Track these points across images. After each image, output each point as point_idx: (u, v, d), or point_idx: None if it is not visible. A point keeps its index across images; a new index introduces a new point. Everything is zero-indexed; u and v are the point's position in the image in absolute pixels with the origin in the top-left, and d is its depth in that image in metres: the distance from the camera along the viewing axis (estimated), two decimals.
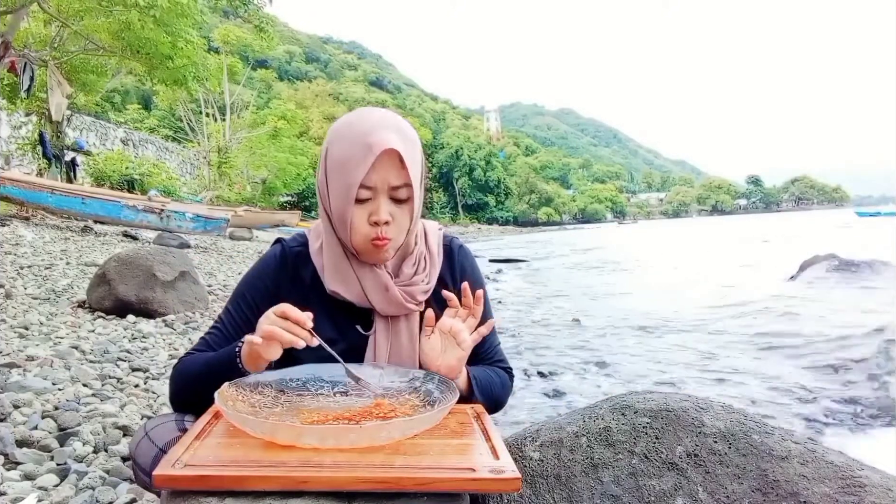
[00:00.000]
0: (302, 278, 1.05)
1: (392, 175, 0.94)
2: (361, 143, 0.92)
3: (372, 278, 1.01)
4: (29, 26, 10.89)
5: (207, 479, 0.67)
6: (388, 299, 1.01)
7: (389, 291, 1.01)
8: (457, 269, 1.11)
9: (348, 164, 0.93)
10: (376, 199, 0.95)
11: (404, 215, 0.97)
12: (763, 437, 0.93)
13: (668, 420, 0.97)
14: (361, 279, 1.01)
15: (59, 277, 4.90)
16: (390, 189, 0.95)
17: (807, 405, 3.16)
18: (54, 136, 12.61)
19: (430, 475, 0.69)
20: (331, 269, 1.02)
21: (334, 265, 1.02)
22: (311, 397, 0.91)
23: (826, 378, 3.67)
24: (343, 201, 0.95)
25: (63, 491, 1.51)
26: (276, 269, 1.06)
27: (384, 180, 0.94)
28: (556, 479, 0.96)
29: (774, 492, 0.86)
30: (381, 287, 1.01)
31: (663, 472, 0.92)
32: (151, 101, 41.97)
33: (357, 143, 0.93)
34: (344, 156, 0.94)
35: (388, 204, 0.95)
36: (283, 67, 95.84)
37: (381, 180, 0.94)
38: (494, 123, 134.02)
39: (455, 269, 1.11)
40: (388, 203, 0.95)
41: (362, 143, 0.92)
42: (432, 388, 0.90)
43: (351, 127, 0.95)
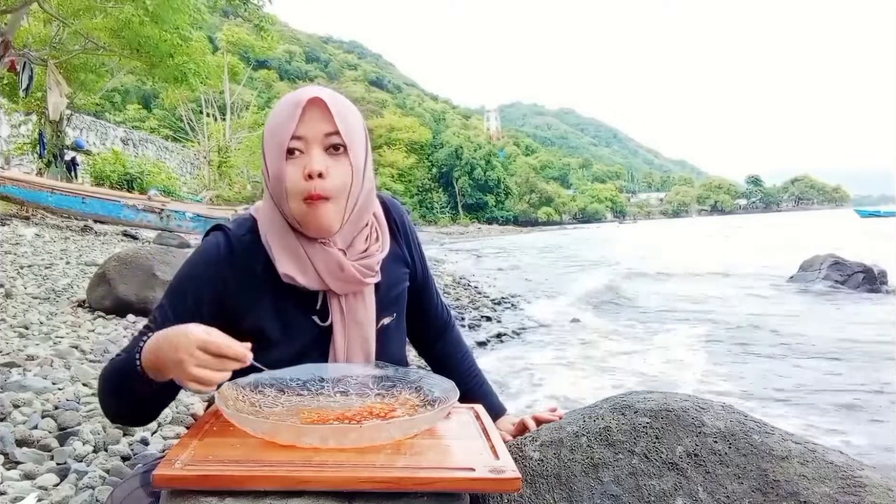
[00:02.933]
0: (252, 269, 0.95)
1: (323, 123, 0.91)
2: (289, 102, 0.92)
3: (324, 259, 0.94)
4: (28, 26, 10.88)
5: (207, 478, 0.67)
6: (344, 278, 0.95)
7: (345, 270, 0.94)
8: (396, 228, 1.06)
9: (278, 123, 0.91)
10: (308, 152, 0.90)
11: (342, 168, 0.91)
12: (763, 437, 0.93)
13: (668, 420, 0.97)
14: (312, 258, 0.94)
15: (59, 277, 4.90)
16: (323, 137, 0.91)
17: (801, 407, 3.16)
18: (54, 135, 12.61)
19: (430, 475, 0.69)
20: (280, 250, 0.94)
21: (284, 245, 0.94)
22: (311, 397, 0.91)
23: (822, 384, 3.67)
24: (276, 160, 0.91)
25: (63, 490, 1.51)
26: (222, 260, 0.95)
27: (315, 129, 0.90)
28: (556, 479, 0.96)
29: (774, 492, 0.86)
30: (335, 266, 0.94)
31: (663, 472, 0.92)
32: (151, 100, 41.99)
33: (286, 104, 0.92)
34: (274, 121, 0.92)
35: (322, 155, 0.90)
36: (283, 67, 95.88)
37: (311, 129, 0.90)
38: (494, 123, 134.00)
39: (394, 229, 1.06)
40: (321, 154, 0.90)
41: (290, 102, 0.92)
42: (432, 389, 0.90)
43: (283, 98, 0.95)
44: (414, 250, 1.09)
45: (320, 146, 0.91)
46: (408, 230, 1.09)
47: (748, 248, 18.16)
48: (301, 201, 0.90)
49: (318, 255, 0.94)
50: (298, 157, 0.90)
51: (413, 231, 1.10)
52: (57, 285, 4.51)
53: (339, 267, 0.94)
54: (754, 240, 22.75)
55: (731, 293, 7.91)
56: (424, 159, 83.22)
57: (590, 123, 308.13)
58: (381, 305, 1.01)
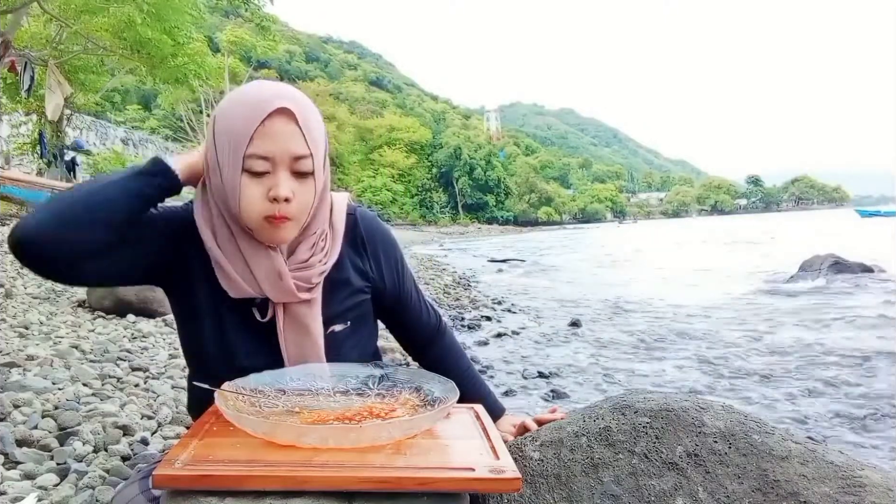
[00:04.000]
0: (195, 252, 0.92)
1: (292, 143, 0.84)
2: (251, 104, 0.84)
3: (266, 265, 0.90)
4: (28, 26, 10.89)
5: (207, 478, 0.67)
6: (280, 287, 0.91)
7: (283, 280, 0.91)
8: (359, 241, 1.03)
9: (236, 127, 0.83)
10: (275, 174, 0.84)
11: (307, 191, 0.88)
12: (763, 437, 0.93)
13: (668, 420, 0.97)
14: (253, 265, 0.90)
15: None
16: (291, 161, 0.85)
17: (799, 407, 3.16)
18: (54, 135, 12.62)
19: (430, 475, 0.69)
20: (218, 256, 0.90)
21: (222, 252, 0.90)
22: (311, 397, 0.91)
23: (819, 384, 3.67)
24: (233, 172, 0.84)
25: (63, 490, 1.51)
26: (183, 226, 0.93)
27: (284, 150, 0.84)
28: (556, 479, 0.96)
29: (774, 492, 0.86)
30: (274, 273, 0.90)
31: (663, 472, 0.92)
32: (151, 101, 41.99)
33: (246, 104, 0.84)
34: (232, 121, 0.84)
35: (290, 179, 0.85)
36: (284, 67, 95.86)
37: (281, 150, 0.84)
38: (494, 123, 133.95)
39: (357, 242, 1.03)
40: (288, 178, 0.85)
41: (252, 104, 0.84)
42: (432, 388, 0.90)
43: (240, 94, 0.87)
44: (383, 264, 1.06)
45: (287, 168, 0.85)
46: (376, 244, 1.05)
47: (748, 248, 18.17)
48: (262, 219, 0.86)
49: (261, 260, 0.90)
50: (263, 177, 0.85)
51: (386, 244, 1.07)
52: (57, 285, 4.52)
53: (278, 275, 0.91)
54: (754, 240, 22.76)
55: (730, 293, 7.91)
56: (424, 159, 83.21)
57: (590, 123, 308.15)
58: (330, 312, 0.98)
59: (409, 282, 1.12)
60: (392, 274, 1.08)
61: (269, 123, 0.83)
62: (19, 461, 1.65)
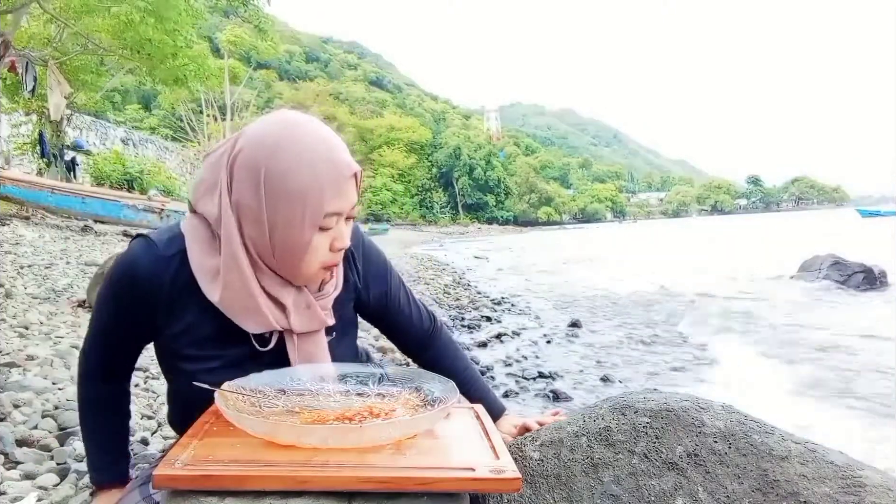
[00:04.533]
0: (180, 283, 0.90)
1: (353, 196, 0.88)
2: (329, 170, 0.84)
3: (294, 298, 0.91)
4: (29, 26, 10.89)
5: (207, 478, 0.67)
6: (308, 316, 0.93)
7: (311, 309, 0.92)
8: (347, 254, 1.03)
9: (312, 192, 0.83)
10: (339, 225, 0.88)
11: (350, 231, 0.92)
12: (763, 437, 0.93)
13: (668, 420, 0.97)
14: (281, 298, 0.90)
15: (59, 277, 4.91)
16: (349, 210, 0.89)
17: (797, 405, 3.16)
18: (54, 135, 12.62)
19: (430, 475, 0.69)
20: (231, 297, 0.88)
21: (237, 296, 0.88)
22: (311, 397, 0.91)
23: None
24: (302, 230, 0.84)
25: (63, 490, 1.51)
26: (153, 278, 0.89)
27: (349, 203, 0.88)
28: (556, 479, 0.96)
29: (774, 492, 0.86)
30: (303, 306, 0.92)
31: (663, 472, 0.92)
32: (151, 101, 42.02)
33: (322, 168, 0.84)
34: (304, 182, 0.83)
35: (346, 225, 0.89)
36: (284, 67, 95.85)
37: (347, 204, 0.87)
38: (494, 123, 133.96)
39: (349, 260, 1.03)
40: (346, 225, 0.89)
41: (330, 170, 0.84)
42: (432, 388, 0.90)
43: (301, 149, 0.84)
44: (369, 275, 1.07)
45: (345, 217, 0.89)
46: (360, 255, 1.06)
47: (748, 248, 18.17)
48: (321, 269, 0.89)
49: (290, 295, 0.91)
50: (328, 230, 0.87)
51: (370, 255, 1.08)
52: (57, 285, 4.52)
53: (306, 306, 0.92)
54: (754, 240, 22.75)
55: (730, 293, 7.91)
56: (424, 159, 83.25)
57: (590, 123, 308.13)
58: None
59: (398, 287, 1.12)
60: (378, 283, 1.09)
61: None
62: (19, 461, 1.65)
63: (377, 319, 1.13)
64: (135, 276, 0.89)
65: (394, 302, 1.12)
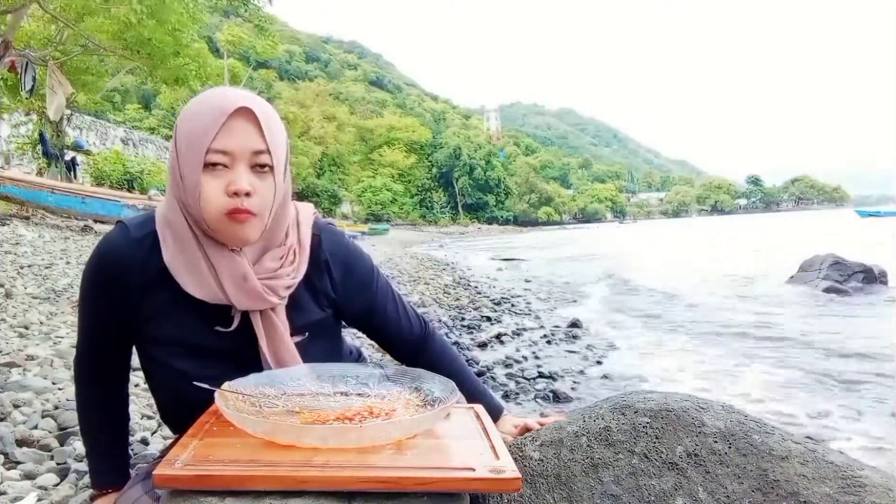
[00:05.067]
0: (151, 274, 0.91)
1: (251, 139, 0.86)
2: (212, 106, 0.86)
3: (229, 266, 0.90)
4: (29, 26, 10.89)
5: (207, 478, 0.67)
6: (245, 290, 0.90)
7: (248, 281, 0.90)
8: (321, 264, 1.01)
9: (197, 129, 0.85)
10: (234, 168, 0.85)
11: (267, 188, 0.88)
12: (763, 437, 0.93)
13: (668, 420, 0.97)
14: (217, 266, 0.89)
15: (59, 277, 4.91)
16: (251, 155, 0.86)
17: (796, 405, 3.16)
18: (54, 135, 12.63)
19: (430, 475, 0.69)
20: (180, 261, 0.89)
21: (184, 256, 0.90)
22: (311, 397, 0.91)
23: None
24: (193, 169, 0.85)
25: (63, 490, 1.51)
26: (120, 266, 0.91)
27: (242, 145, 0.85)
28: (556, 479, 0.96)
29: (774, 492, 0.86)
30: (238, 276, 0.90)
31: (663, 472, 0.92)
32: (151, 100, 42.01)
33: (207, 106, 0.86)
34: (193, 123, 0.86)
35: (249, 173, 0.86)
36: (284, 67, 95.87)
37: (239, 145, 0.85)
38: (494, 123, 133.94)
39: (320, 264, 1.01)
40: (248, 172, 0.86)
41: (213, 106, 0.86)
42: (432, 388, 0.90)
43: (203, 97, 0.89)
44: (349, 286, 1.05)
45: (246, 163, 0.87)
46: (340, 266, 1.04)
47: (748, 248, 18.16)
48: (223, 216, 0.86)
49: (225, 262, 0.90)
50: (221, 171, 0.85)
51: (350, 265, 1.06)
52: (57, 285, 4.52)
53: (243, 277, 0.90)
54: (754, 240, 22.76)
55: (730, 293, 7.91)
56: (424, 159, 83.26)
57: (590, 123, 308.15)
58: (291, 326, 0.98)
59: (384, 295, 1.11)
60: (360, 293, 1.07)
61: (230, 122, 0.85)
62: (19, 461, 1.65)
63: (363, 327, 1.13)
64: (108, 259, 0.92)
65: (380, 311, 1.10)
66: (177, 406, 0.84)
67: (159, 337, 0.93)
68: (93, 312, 0.97)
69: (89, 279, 0.94)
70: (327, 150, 60.08)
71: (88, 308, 0.97)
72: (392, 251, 17.71)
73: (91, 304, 0.96)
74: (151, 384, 1.02)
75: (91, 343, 0.99)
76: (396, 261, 13.17)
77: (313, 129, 57.58)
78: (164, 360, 0.94)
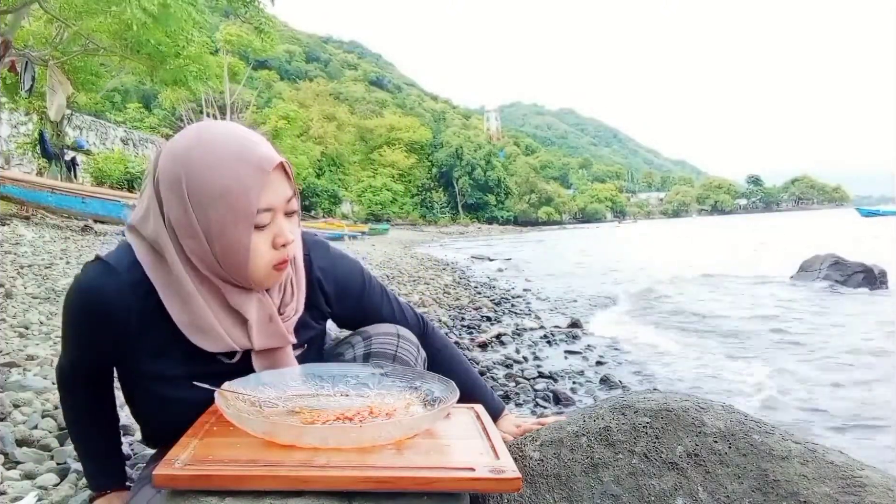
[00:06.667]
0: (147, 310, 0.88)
1: (285, 190, 0.86)
2: (251, 166, 0.82)
3: (258, 308, 0.90)
4: (29, 25, 10.89)
5: (207, 478, 0.67)
6: (271, 331, 0.91)
7: (273, 322, 0.91)
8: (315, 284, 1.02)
9: (235, 191, 0.81)
10: (276, 220, 0.86)
11: (296, 230, 0.91)
12: (763, 437, 0.93)
13: (668, 420, 0.97)
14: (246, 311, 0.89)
15: (59, 277, 4.91)
16: (285, 203, 0.87)
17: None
18: (54, 135, 12.62)
19: (430, 475, 0.69)
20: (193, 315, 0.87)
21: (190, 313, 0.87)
22: (311, 397, 0.91)
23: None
24: (237, 232, 0.82)
25: (63, 490, 1.51)
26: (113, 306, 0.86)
27: (282, 198, 0.86)
28: (556, 479, 0.96)
29: (774, 492, 0.86)
30: (266, 318, 0.91)
31: (663, 472, 0.92)
32: (151, 100, 42.03)
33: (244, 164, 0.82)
34: (224, 183, 0.81)
35: (286, 221, 0.87)
36: (283, 67, 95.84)
37: (280, 199, 0.85)
38: (494, 123, 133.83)
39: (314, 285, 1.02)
40: (286, 221, 0.87)
41: (250, 163, 0.82)
42: (432, 388, 0.90)
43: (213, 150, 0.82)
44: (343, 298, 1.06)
45: (282, 212, 0.87)
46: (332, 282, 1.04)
47: (748, 248, 18.16)
48: (270, 269, 0.87)
49: (254, 305, 0.90)
50: (265, 228, 0.85)
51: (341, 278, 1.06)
52: (57, 285, 4.51)
53: (268, 318, 0.91)
54: (754, 240, 22.76)
55: (730, 293, 7.91)
56: (424, 159, 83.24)
57: (590, 123, 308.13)
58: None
59: (378, 297, 1.12)
60: (353, 301, 1.09)
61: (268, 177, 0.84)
62: (19, 461, 1.65)
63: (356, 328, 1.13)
64: (97, 305, 0.86)
65: (374, 313, 1.11)
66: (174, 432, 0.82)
67: (156, 372, 0.91)
68: (78, 344, 0.94)
69: (76, 320, 0.90)
70: (327, 150, 60.08)
71: (74, 341, 0.94)
72: (392, 251, 17.70)
73: (77, 340, 0.94)
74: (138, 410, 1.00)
75: (76, 364, 0.98)
76: (396, 261, 13.17)
77: (313, 129, 57.58)
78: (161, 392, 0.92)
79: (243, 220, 0.82)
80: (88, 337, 0.91)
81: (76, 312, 0.89)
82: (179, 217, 0.84)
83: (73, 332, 0.92)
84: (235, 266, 0.85)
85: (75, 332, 0.92)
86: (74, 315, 0.89)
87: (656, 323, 5.85)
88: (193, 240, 0.84)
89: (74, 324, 0.91)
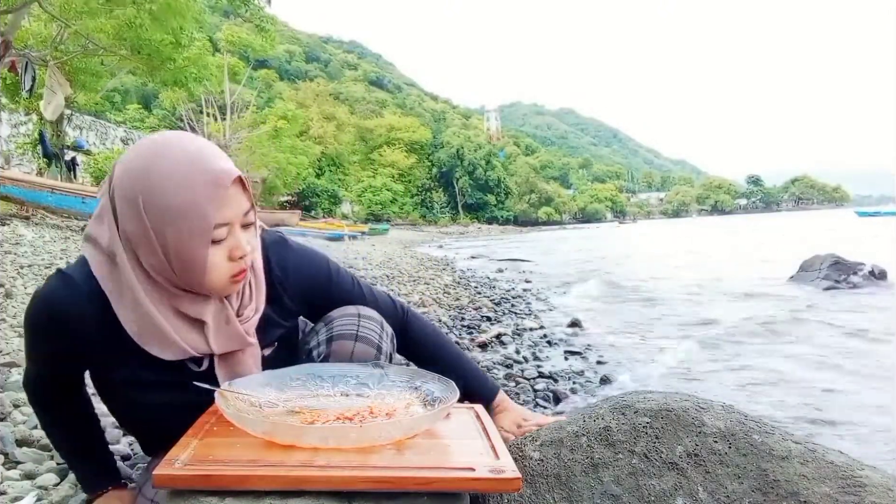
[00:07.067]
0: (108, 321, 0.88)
1: (242, 203, 0.87)
2: (206, 182, 0.82)
3: (216, 312, 0.91)
4: (30, 25, 10.88)
5: (207, 478, 0.67)
6: (229, 333, 0.92)
7: (230, 324, 0.92)
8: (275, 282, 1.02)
9: (192, 207, 0.81)
10: (233, 233, 0.86)
11: (253, 239, 0.91)
12: (763, 437, 0.93)
13: (668, 420, 0.97)
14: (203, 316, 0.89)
15: None
16: (242, 216, 0.87)
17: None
18: (54, 135, 12.62)
19: (430, 475, 0.69)
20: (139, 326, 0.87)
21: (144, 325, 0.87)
22: (312, 397, 0.91)
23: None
24: (194, 247, 0.83)
25: (63, 490, 1.51)
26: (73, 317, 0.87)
27: (238, 212, 0.86)
28: (556, 479, 0.96)
29: (774, 492, 0.86)
30: (223, 321, 0.91)
31: (663, 472, 0.92)
32: (151, 100, 42.03)
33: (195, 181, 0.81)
34: (181, 199, 0.81)
35: (243, 233, 0.88)
36: (283, 67, 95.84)
37: (237, 213, 0.86)
38: (494, 123, 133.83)
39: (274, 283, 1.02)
40: (243, 233, 0.88)
41: (208, 177, 0.82)
42: (432, 388, 0.90)
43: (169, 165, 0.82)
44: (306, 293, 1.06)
45: (239, 224, 0.87)
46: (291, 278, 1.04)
47: (748, 247, 18.16)
48: (227, 280, 0.87)
49: (211, 311, 0.90)
50: (221, 242, 0.85)
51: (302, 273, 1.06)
52: None
53: (225, 320, 0.91)
54: (754, 240, 22.75)
55: (731, 293, 7.91)
56: (424, 159, 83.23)
57: (590, 123, 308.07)
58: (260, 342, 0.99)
59: (346, 286, 1.11)
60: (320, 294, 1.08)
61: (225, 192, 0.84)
62: (19, 461, 1.65)
63: None
64: (57, 314, 0.87)
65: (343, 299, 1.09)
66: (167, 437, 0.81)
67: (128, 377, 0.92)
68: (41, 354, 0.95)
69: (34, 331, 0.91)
70: (327, 150, 60.06)
71: (35, 352, 0.95)
72: (392, 251, 17.70)
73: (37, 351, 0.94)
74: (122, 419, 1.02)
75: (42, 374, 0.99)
76: (396, 261, 13.17)
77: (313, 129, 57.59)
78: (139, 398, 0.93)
79: (199, 235, 0.83)
80: (48, 347, 0.92)
81: (34, 323, 0.90)
82: (136, 231, 0.84)
83: (33, 343, 0.93)
84: (193, 278, 0.86)
85: (35, 343, 0.93)
86: (33, 326, 0.90)
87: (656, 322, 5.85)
88: (151, 253, 0.85)
89: (34, 335, 0.91)
